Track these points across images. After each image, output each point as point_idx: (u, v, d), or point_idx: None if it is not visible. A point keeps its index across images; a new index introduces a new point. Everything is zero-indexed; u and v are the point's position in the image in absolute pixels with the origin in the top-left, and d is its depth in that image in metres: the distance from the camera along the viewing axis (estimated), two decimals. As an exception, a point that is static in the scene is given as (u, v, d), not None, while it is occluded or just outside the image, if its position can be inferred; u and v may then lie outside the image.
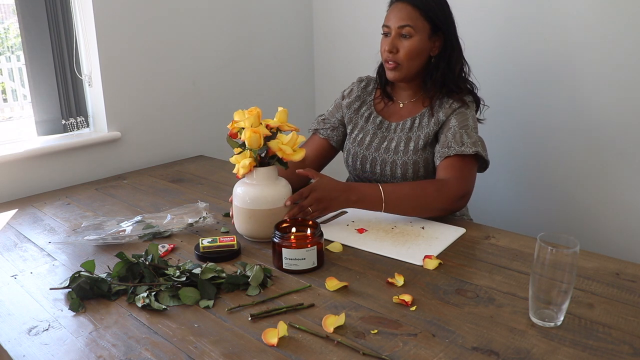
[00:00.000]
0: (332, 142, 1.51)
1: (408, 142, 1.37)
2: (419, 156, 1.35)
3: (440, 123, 1.34)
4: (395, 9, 1.34)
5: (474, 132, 1.32)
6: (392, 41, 1.33)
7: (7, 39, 2.49)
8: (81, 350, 0.82)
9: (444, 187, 1.24)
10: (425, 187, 1.24)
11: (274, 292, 0.97)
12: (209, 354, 0.80)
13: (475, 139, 1.30)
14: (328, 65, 2.43)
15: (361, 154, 1.43)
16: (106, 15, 1.72)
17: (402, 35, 1.32)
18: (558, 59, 1.76)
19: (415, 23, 1.31)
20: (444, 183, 1.24)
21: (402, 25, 1.31)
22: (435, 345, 0.80)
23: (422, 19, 1.32)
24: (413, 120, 1.39)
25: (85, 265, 0.99)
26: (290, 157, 1.14)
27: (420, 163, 1.35)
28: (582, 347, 0.79)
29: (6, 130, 1.80)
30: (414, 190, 1.23)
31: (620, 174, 1.72)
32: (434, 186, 1.24)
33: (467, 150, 1.26)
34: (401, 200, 1.22)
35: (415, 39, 1.32)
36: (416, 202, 1.23)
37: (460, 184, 1.24)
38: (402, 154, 1.36)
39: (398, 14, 1.33)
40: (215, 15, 2.04)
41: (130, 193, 1.58)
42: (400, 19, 1.32)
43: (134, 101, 1.85)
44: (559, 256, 0.80)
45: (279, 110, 1.17)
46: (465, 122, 1.32)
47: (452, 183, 1.24)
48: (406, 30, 1.31)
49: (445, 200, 1.23)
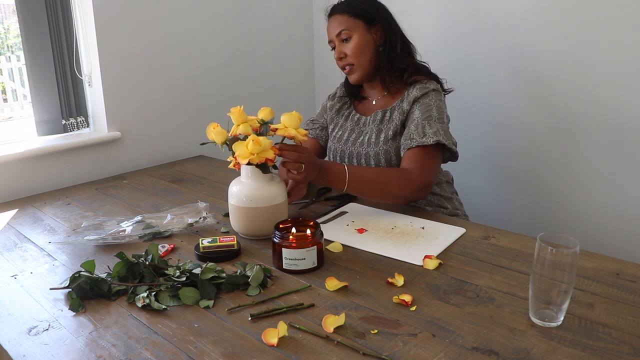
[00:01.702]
0: (321, 142, 1.61)
1: (379, 134, 1.43)
2: (389, 146, 1.40)
3: (405, 112, 1.39)
4: (330, 23, 1.45)
5: (437, 122, 1.34)
6: (338, 49, 1.43)
7: (7, 39, 2.49)
8: (81, 350, 0.82)
9: (407, 176, 1.28)
10: (389, 174, 1.29)
11: (274, 292, 0.97)
12: (209, 354, 0.80)
13: (436, 128, 1.32)
14: (328, 65, 2.43)
15: (340, 149, 1.51)
16: (106, 15, 1.72)
17: (343, 41, 1.42)
18: (558, 58, 1.76)
19: (348, 25, 1.41)
20: (408, 173, 1.28)
21: (338, 32, 1.41)
22: (435, 345, 0.80)
23: (352, 19, 1.41)
24: (384, 112, 1.45)
25: (85, 265, 0.99)
26: (298, 137, 1.17)
27: (392, 152, 1.40)
28: (582, 347, 0.79)
29: (6, 130, 1.81)
30: (378, 176, 1.28)
31: (620, 174, 1.72)
32: (397, 174, 1.29)
33: (427, 140, 1.30)
34: (363, 182, 1.27)
35: (354, 39, 1.40)
36: (378, 187, 1.28)
37: (422, 174, 1.28)
38: (373, 145, 1.42)
39: (332, 25, 1.43)
40: (215, 15, 2.04)
41: (130, 193, 1.58)
42: (335, 28, 1.42)
43: (134, 101, 1.85)
44: (559, 256, 0.80)
45: (292, 114, 1.18)
46: (428, 113, 1.35)
47: (414, 173, 1.28)
48: (344, 34, 1.41)
49: (406, 189, 1.27)
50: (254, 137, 1.11)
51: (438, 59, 1.70)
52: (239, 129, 1.15)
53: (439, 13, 2.01)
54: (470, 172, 2.02)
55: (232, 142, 1.15)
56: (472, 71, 1.97)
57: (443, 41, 2.01)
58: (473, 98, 1.98)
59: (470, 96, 1.98)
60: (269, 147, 1.13)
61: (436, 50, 1.95)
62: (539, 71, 1.81)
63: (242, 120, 1.16)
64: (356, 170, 1.27)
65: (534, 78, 1.83)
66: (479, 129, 1.99)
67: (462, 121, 1.94)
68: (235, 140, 1.15)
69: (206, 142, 1.21)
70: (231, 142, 1.15)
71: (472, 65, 1.96)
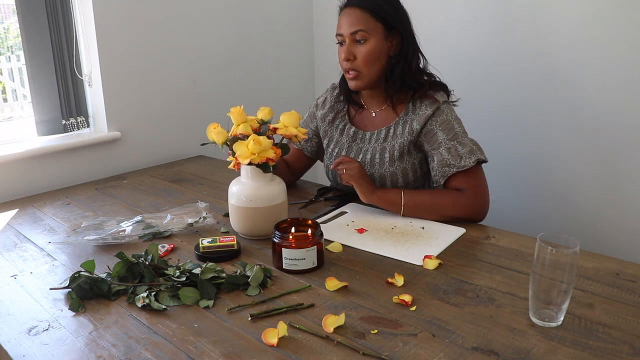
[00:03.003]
0: (307, 153, 1.51)
1: (383, 153, 1.33)
2: (395, 167, 1.32)
3: (415, 132, 1.29)
4: (345, 15, 1.28)
5: (465, 138, 1.27)
6: (348, 48, 1.27)
7: (7, 39, 2.49)
8: (81, 350, 0.82)
9: (460, 199, 1.24)
10: (443, 196, 1.26)
11: (274, 292, 0.97)
12: (209, 354, 0.80)
13: (469, 146, 1.26)
14: (328, 65, 2.43)
15: None
16: (106, 15, 1.72)
17: (356, 41, 1.27)
18: (558, 58, 1.76)
19: (368, 26, 1.25)
20: (460, 196, 1.25)
21: (354, 30, 1.26)
22: (435, 345, 0.80)
23: (372, 20, 1.26)
24: (387, 129, 1.34)
25: (85, 265, 0.99)
26: (298, 137, 1.17)
27: (399, 174, 1.32)
28: (582, 347, 0.79)
29: (6, 130, 1.80)
30: (432, 199, 1.25)
31: (620, 174, 1.72)
32: (450, 197, 1.25)
33: (467, 163, 1.24)
34: (418, 207, 1.25)
35: (370, 43, 1.26)
36: (432, 209, 1.25)
37: (475, 196, 1.25)
38: (378, 166, 1.33)
39: (348, 19, 1.27)
40: (215, 15, 2.04)
41: (130, 193, 1.58)
42: (351, 24, 1.26)
43: (134, 101, 1.85)
44: (559, 256, 0.80)
45: (291, 113, 1.19)
46: (452, 132, 1.27)
47: (468, 196, 1.24)
48: (360, 35, 1.26)
49: (461, 211, 1.24)
50: (254, 137, 1.11)
51: (437, 55, 1.70)
52: (239, 129, 1.15)
53: (442, 12, 2.01)
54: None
55: (232, 142, 1.15)
56: (472, 70, 1.97)
57: (443, 38, 2.01)
58: (472, 98, 1.98)
59: (469, 96, 1.97)
60: (269, 147, 1.13)
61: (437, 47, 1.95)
62: (540, 71, 1.81)
63: (242, 120, 1.16)
64: (410, 196, 1.25)
65: (534, 78, 1.83)
66: (479, 129, 1.99)
67: (462, 121, 1.94)
68: (236, 140, 1.15)
69: (206, 143, 1.21)
70: (231, 142, 1.15)
71: (472, 65, 1.96)
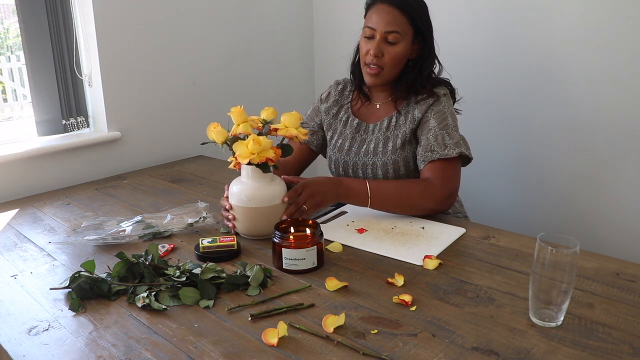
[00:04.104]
0: (312, 147, 1.52)
1: (386, 142, 1.35)
2: (397, 155, 1.34)
3: (417, 120, 1.32)
4: (382, 10, 1.27)
5: (455, 131, 1.30)
6: (378, 46, 1.27)
7: (7, 39, 2.49)
8: (81, 350, 0.82)
9: (428, 187, 1.25)
10: (411, 187, 1.26)
11: (274, 292, 0.97)
12: (209, 354, 0.80)
13: (457, 138, 1.28)
14: (328, 65, 2.44)
15: (342, 160, 1.43)
16: (106, 15, 1.72)
17: (388, 41, 1.27)
18: (557, 58, 1.76)
19: (402, 29, 1.27)
20: (429, 184, 1.25)
21: (389, 30, 1.26)
22: (435, 345, 0.80)
23: (407, 24, 1.27)
24: (390, 119, 1.37)
25: (85, 265, 0.99)
26: (299, 137, 1.17)
27: (400, 162, 1.34)
28: (582, 347, 0.79)
29: (6, 130, 1.80)
30: (400, 189, 1.25)
31: (619, 174, 1.72)
32: (419, 186, 1.26)
33: (450, 152, 1.26)
34: (386, 198, 1.24)
35: (400, 46, 1.28)
36: (401, 201, 1.25)
37: (446, 185, 1.25)
38: (381, 154, 1.35)
39: (385, 17, 1.27)
40: (215, 15, 2.04)
41: (130, 193, 1.58)
42: (387, 23, 1.26)
43: (134, 101, 1.85)
44: (559, 256, 0.80)
45: (292, 114, 1.18)
46: (444, 122, 1.30)
47: (437, 184, 1.25)
48: (392, 36, 1.26)
49: (429, 200, 1.24)
50: (254, 136, 1.11)
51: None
52: (239, 129, 1.15)
53: (440, 11, 2.00)
54: (470, 173, 2.02)
55: (232, 142, 1.15)
56: (472, 70, 1.97)
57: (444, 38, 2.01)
58: (472, 97, 1.98)
59: (469, 95, 1.97)
60: (269, 147, 1.13)
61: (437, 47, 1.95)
62: (540, 71, 1.81)
63: (242, 120, 1.16)
64: (377, 186, 1.24)
65: (534, 78, 1.83)
66: (479, 129, 1.99)
67: (461, 121, 1.94)
68: (236, 140, 1.15)
69: (206, 142, 1.21)
70: (231, 142, 1.15)
71: (472, 64, 1.96)
